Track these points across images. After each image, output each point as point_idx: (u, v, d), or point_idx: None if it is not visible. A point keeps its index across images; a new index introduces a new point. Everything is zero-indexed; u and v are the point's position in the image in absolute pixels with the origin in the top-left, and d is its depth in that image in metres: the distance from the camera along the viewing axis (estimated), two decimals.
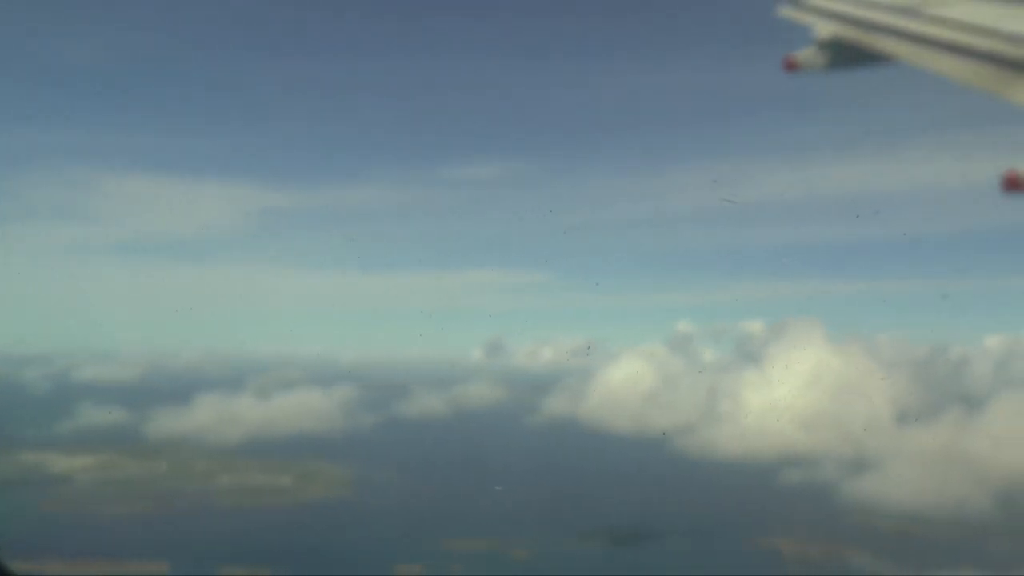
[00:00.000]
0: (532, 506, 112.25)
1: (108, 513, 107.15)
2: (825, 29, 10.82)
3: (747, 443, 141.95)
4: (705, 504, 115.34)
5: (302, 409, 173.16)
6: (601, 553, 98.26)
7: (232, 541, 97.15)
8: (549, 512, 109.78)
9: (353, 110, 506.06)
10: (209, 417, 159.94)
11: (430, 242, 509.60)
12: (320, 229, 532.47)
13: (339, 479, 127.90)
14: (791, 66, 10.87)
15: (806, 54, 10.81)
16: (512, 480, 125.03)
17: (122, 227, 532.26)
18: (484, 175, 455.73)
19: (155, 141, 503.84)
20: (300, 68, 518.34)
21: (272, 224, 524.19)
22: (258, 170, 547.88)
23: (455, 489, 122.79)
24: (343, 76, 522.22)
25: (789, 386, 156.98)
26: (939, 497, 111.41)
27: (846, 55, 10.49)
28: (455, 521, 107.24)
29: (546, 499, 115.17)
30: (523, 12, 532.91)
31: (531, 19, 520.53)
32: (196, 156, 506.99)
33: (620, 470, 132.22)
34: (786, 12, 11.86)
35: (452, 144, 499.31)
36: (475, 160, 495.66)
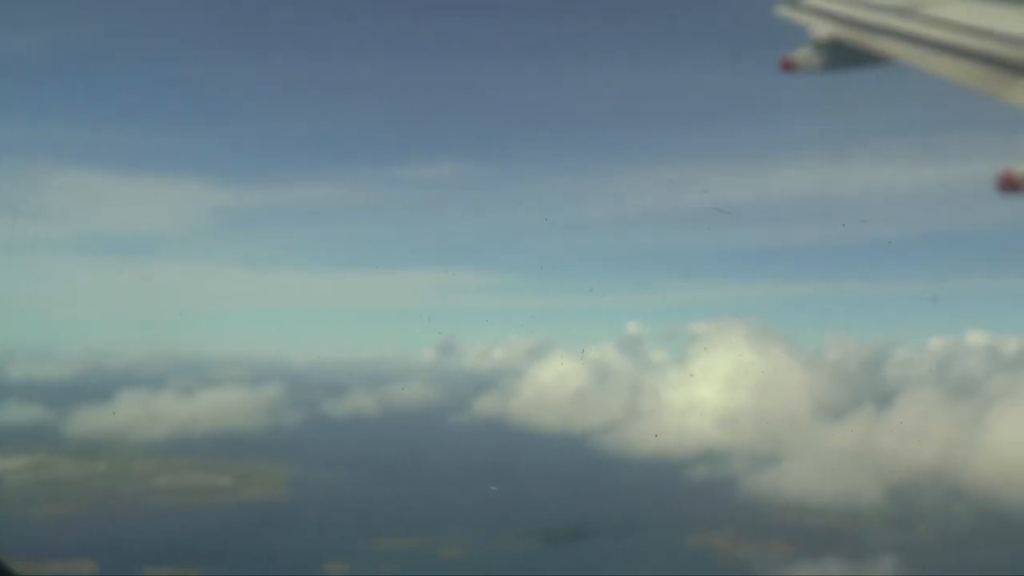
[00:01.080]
0: (459, 504, 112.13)
1: (36, 513, 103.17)
2: (822, 29, 11.02)
3: (669, 441, 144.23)
4: (624, 501, 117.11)
5: (230, 407, 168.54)
6: (527, 551, 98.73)
7: (161, 541, 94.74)
8: (476, 511, 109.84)
9: (305, 109, 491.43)
10: (133, 414, 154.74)
11: (386, 242, 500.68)
12: (273, 228, 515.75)
13: (268, 477, 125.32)
14: (788, 66, 11.18)
15: (803, 54, 11.04)
16: (440, 479, 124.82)
17: (70, 224, 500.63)
18: (440, 175, 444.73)
19: (101, 136, 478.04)
20: (254, 66, 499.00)
21: (224, 222, 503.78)
22: (209, 168, 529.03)
23: (385, 488, 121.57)
24: (297, 74, 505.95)
25: (715, 385, 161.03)
26: (839, 491, 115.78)
27: (843, 56, 10.72)
28: (385, 520, 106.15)
29: (473, 497, 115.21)
30: (488, 8, 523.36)
31: (493, 17, 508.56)
32: (143, 152, 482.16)
33: (545, 468, 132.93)
34: (783, 12, 12.03)
35: (406, 144, 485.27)
36: (432, 160, 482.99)
